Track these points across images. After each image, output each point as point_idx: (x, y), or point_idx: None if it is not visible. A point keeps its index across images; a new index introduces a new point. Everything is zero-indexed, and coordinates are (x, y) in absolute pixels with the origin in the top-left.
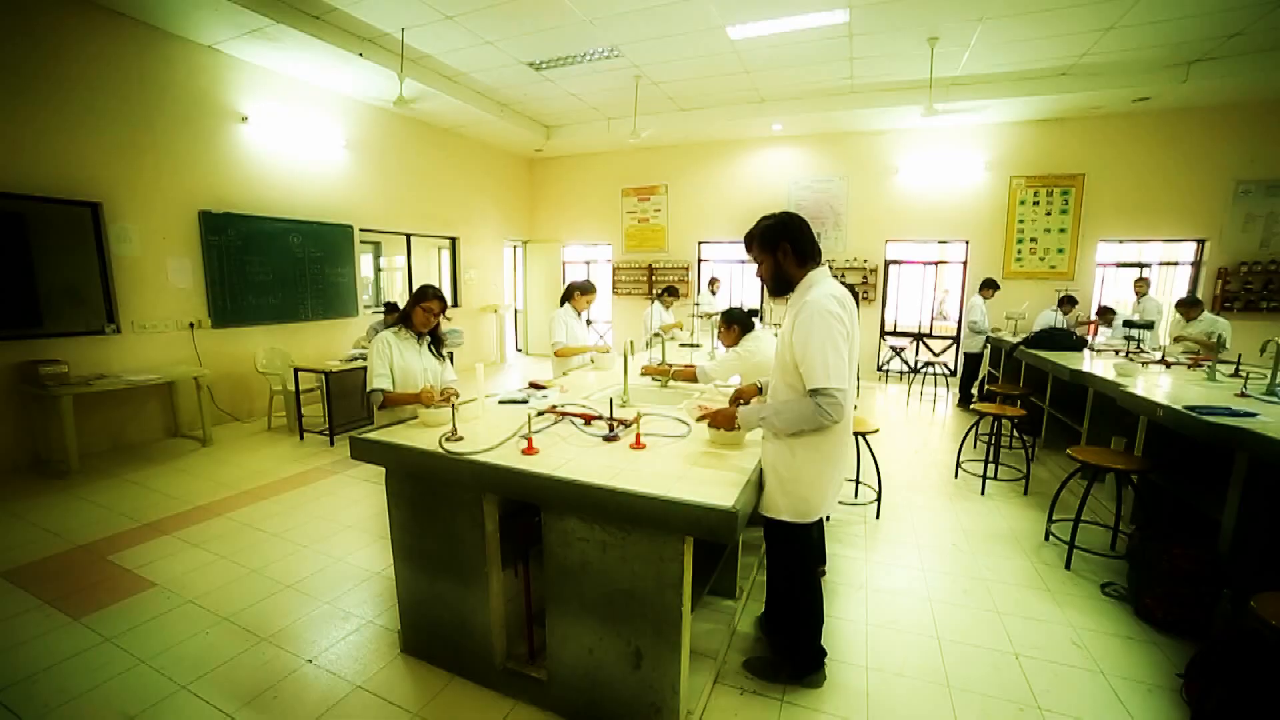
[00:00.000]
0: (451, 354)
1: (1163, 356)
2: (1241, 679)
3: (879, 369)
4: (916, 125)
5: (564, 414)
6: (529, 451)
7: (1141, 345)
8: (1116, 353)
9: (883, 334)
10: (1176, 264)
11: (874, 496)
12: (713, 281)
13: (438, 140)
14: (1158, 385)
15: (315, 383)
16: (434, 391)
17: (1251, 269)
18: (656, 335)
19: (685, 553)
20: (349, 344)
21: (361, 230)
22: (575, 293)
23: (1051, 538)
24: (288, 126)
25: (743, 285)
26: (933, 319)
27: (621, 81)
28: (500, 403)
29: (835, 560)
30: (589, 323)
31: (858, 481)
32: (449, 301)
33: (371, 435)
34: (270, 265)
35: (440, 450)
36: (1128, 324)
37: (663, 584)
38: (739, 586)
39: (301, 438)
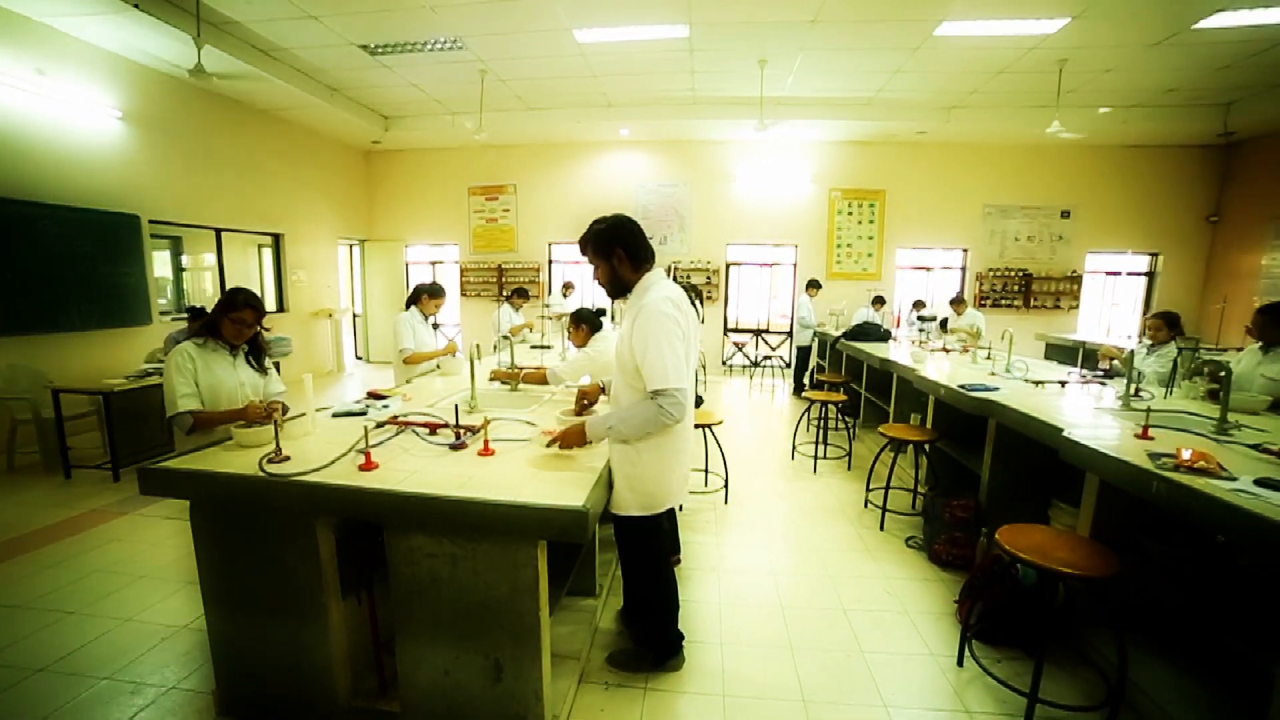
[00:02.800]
0: (278, 364)
1: (943, 345)
2: (990, 594)
3: (723, 364)
4: (751, 138)
5: (406, 424)
6: (367, 467)
7: (929, 336)
8: (912, 342)
9: (726, 331)
10: (950, 268)
11: (722, 484)
12: (566, 285)
13: (254, 123)
14: (940, 369)
15: (91, 406)
16: (261, 407)
17: (995, 274)
18: (506, 338)
19: (539, 557)
20: (141, 357)
21: (153, 222)
22: (423, 296)
23: (869, 504)
24: (26, 82)
25: (595, 286)
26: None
27: (467, 75)
28: (335, 416)
29: (689, 547)
30: (436, 326)
31: (707, 471)
32: (269, 307)
33: (169, 464)
34: (9, 261)
35: (260, 474)
36: (920, 318)
37: (518, 591)
38: (599, 584)
39: (68, 475)
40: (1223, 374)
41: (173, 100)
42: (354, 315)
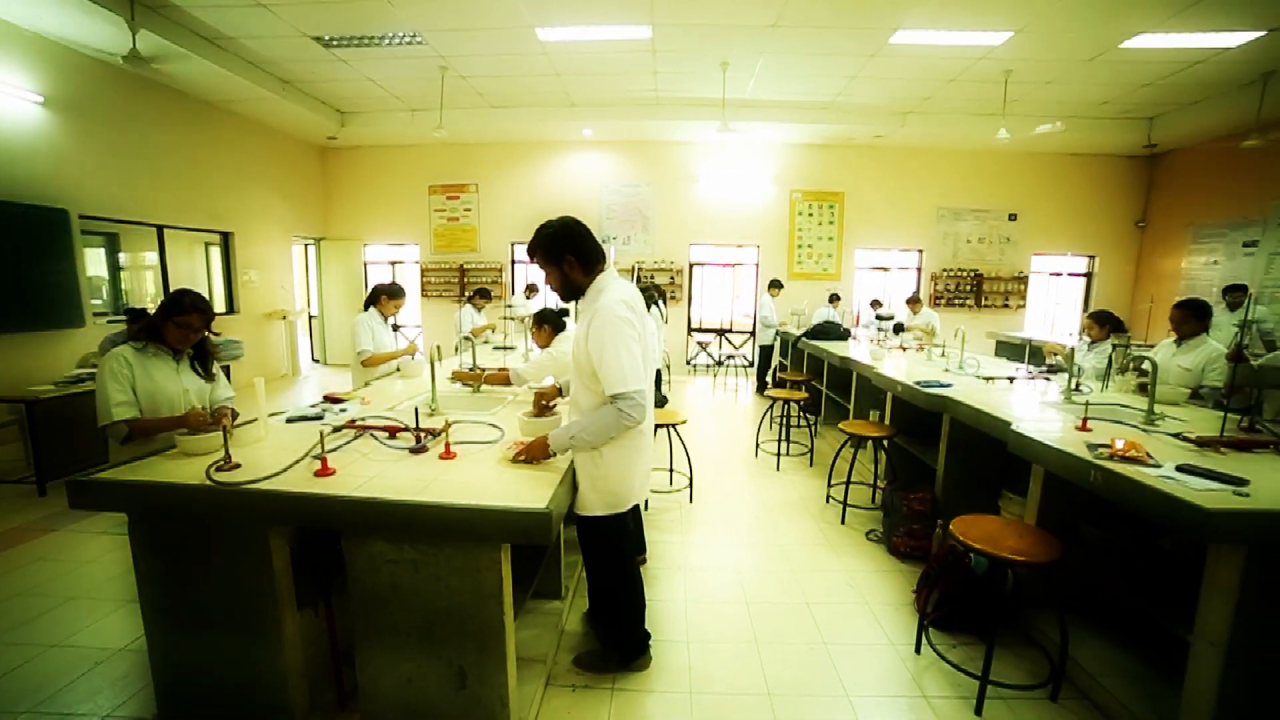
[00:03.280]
0: (228, 368)
1: (900, 343)
2: (945, 583)
3: (687, 363)
4: (714, 139)
5: (365, 428)
6: (323, 473)
7: (886, 335)
8: (870, 341)
9: (689, 330)
10: (906, 269)
11: (687, 483)
12: (530, 288)
13: (200, 115)
14: (897, 367)
15: (11, 415)
16: (205, 413)
17: (948, 274)
18: (467, 339)
19: (503, 560)
20: (72, 362)
21: (84, 217)
22: (382, 296)
23: (831, 500)
24: None
25: None
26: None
27: (427, 71)
28: (289, 421)
29: (655, 546)
30: (396, 328)
31: (671, 470)
32: (219, 308)
33: (104, 475)
34: None
35: (208, 483)
36: (879, 318)
37: (482, 596)
38: (564, 586)
39: None
40: (1146, 367)
41: (106, 88)
42: (310, 317)
